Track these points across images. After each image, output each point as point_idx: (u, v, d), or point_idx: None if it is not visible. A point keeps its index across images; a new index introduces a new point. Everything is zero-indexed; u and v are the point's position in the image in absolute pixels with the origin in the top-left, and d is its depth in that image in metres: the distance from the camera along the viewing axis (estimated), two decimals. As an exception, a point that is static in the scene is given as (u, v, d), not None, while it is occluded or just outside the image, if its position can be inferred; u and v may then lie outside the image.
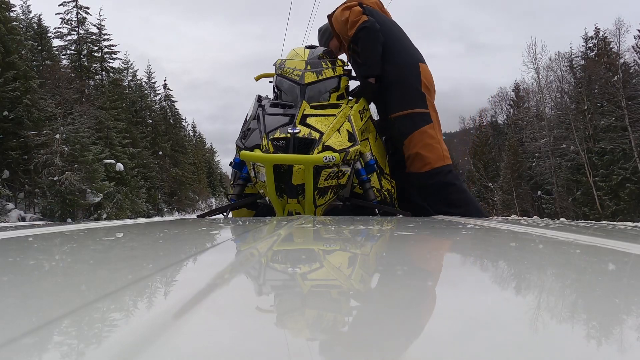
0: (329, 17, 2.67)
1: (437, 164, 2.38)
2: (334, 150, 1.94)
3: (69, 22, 26.06)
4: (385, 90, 2.44)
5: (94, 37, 27.00)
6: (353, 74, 2.51)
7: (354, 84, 2.61)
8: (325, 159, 1.88)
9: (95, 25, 27.00)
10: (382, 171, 2.57)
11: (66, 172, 17.66)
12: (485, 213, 2.49)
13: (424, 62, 2.51)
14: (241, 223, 1.25)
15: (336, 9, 2.62)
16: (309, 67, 2.31)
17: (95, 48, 27.18)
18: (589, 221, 2.43)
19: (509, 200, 26.87)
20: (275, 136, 2.00)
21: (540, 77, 27.47)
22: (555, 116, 26.15)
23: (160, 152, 32.45)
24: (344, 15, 2.46)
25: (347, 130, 2.06)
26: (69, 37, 26.25)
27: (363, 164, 2.27)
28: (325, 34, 2.85)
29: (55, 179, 17.57)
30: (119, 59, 32.46)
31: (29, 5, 25.21)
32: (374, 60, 2.44)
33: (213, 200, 49.67)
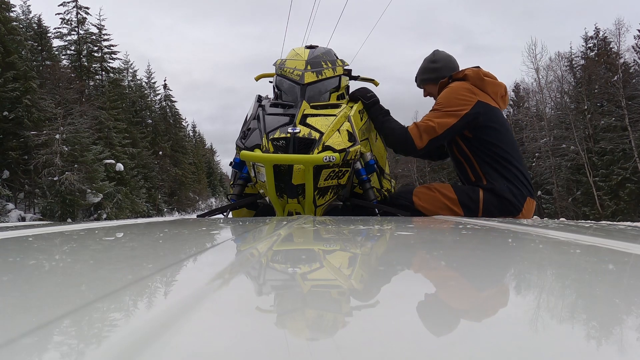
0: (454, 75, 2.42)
1: None
2: (334, 150, 1.94)
3: (69, 22, 26.10)
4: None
5: (93, 37, 27.05)
6: (353, 73, 2.51)
7: (354, 84, 2.61)
8: (326, 159, 1.88)
9: (95, 26, 27.06)
10: (382, 171, 2.57)
11: (66, 172, 17.68)
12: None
13: None
14: (241, 223, 1.25)
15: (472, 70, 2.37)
16: (309, 67, 2.31)
17: (95, 48, 27.22)
18: (589, 221, 2.43)
19: (509, 200, 26.80)
20: (275, 136, 2.00)
21: (540, 77, 27.50)
22: (555, 116, 26.16)
23: (160, 152, 32.46)
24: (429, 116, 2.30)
25: (347, 130, 2.06)
26: (69, 37, 26.31)
27: (363, 164, 2.27)
28: (433, 74, 2.55)
29: (55, 179, 17.58)
30: (119, 59, 32.58)
31: (29, 5, 25.30)
32: (381, 131, 2.44)
33: (213, 200, 49.69)
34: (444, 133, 2.24)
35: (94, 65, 27.00)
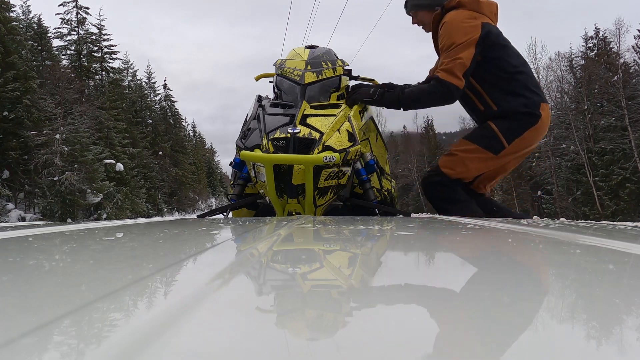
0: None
1: (453, 176, 2.35)
2: (334, 150, 1.94)
3: (69, 22, 26.09)
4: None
5: (93, 37, 27.04)
6: (353, 74, 2.51)
7: (354, 84, 2.61)
8: (326, 159, 1.88)
9: (95, 26, 27.06)
10: (382, 171, 2.57)
11: (66, 172, 17.67)
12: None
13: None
14: (241, 223, 1.25)
15: None
16: (309, 67, 2.31)
17: (95, 48, 27.21)
18: (589, 221, 2.43)
19: (509, 200, 26.88)
20: (275, 136, 2.00)
21: (540, 77, 27.47)
22: (555, 116, 26.13)
23: (160, 152, 32.45)
24: (454, 51, 2.24)
25: (347, 130, 2.06)
26: (69, 37, 26.31)
27: (363, 164, 2.27)
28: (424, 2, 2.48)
29: (55, 179, 17.58)
30: (119, 59, 32.54)
31: (29, 5, 25.29)
32: (413, 106, 2.38)
33: (213, 200, 49.69)
34: (471, 65, 2.23)
35: (94, 65, 27.00)
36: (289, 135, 1.98)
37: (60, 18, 25.92)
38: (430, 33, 2.54)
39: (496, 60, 2.28)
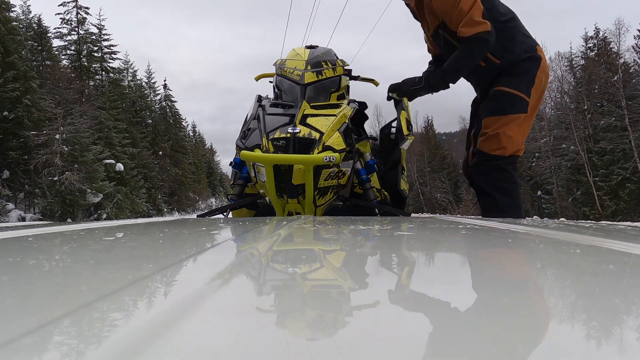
0: None
1: (508, 153, 2.30)
2: (334, 150, 1.94)
3: (69, 22, 26.08)
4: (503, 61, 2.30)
5: (93, 37, 27.04)
6: (353, 73, 2.51)
7: (354, 84, 2.61)
8: (326, 159, 1.88)
9: (95, 26, 27.05)
10: (402, 169, 2.56)
11: (66, 172, 17.67)
12: (523, 214, 2.43)
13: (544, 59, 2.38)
14: (241, 223, 1.25)
15: None
16: (309, 67, 2.31)
17: (95, 48, 27.21)
18: (589, 221, 2.44)
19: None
20: (275, 136, 2.00)
21: (540, 77, 27.46)
22: (555, 116, 26.15)
23: (160, 152, 32.45)
24: (463, 2, 2.18)
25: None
26: (69, 37, 26.29)
27: (363, 164, 2.27)
28: None
29: (55, 179, 17.58)
30: (119, 59, 32.54)
31: (29, 5, 25.28)
32: (458, 75, 2.32)
33: (213, 200, 49.68)
34: (484, 3, 2.18)
35: (94, 65, 26.99)
36: (289, 135, 1.98)
37: (60, 18, 25.92)
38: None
39: (488, 12, 2.23)
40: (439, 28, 2.37)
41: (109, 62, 27.94)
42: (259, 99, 2.38)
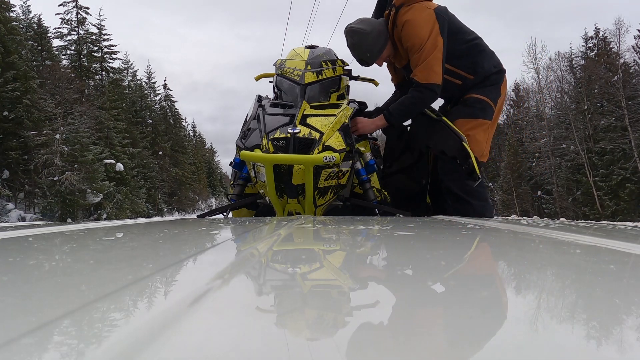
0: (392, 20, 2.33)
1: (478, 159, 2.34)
2: (334, 150, 1.94)
3: (69, 22, 26.08)
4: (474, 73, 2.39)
5: (93, 37, 27.03)
6: (353, 73, 2.51)
7: (353, 84, 2.61)
8: (326, 159, 1.88)
9: (95, 26, 27.05)
10: None
11: (66, 172, 17.67)
12: (492, 214, 2.48)
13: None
14: (241, 223, 1.25)
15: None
16: (309, 67, 2.31)
17: (95, 48, 27.20)
18: (589, 221, 2.44)
19: (509, 200, 26.89)
20: (275, 136, 2.00)
21: (540, 77, 27.53)
22: (555, 116, 26.16)
23: (160, 152, 32.45)
24: (428, 46, 2.22)
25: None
26: (69, 37, 26.29)
27: (363, 164, 2.27)
28: (381, 37, 2.38)
29: (55, 179, 17.58)
30: (119, 59, 32.56)
31: (29, 5, 25.27)
32: (407, 119, 2.42)
33: (213, 200, 49.68)
34: (444, 53, 2.25)
35: (94, 65, 26.99)
36: (289, 135, 1.98)
37: (60, 18, 25.92)
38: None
39: (455, 35, 2.32)
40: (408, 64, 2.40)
41: (109, 62, 27.95)
42: (259, 99, 2.38)
